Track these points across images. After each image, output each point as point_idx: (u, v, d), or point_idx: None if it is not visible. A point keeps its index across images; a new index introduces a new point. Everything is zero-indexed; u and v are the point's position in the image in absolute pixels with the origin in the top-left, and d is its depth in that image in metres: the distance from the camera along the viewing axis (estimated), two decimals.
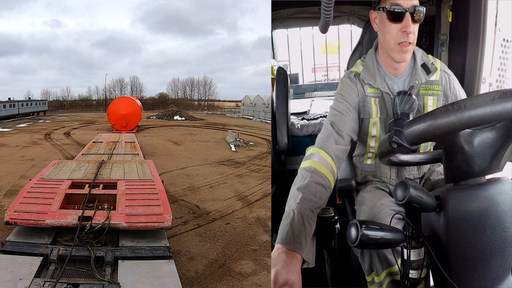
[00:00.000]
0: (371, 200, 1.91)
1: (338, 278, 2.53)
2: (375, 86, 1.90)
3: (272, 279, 1.20)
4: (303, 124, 4.32)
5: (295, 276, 1.23)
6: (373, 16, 1.87)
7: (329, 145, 1.69)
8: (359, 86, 1.93)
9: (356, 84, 1.94)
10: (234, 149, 12.04)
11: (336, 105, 1.89)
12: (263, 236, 4.62)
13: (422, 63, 1.92)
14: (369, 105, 1.91)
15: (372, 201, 1.88)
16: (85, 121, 23.16)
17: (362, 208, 1.95)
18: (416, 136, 1.11)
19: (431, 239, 1.19)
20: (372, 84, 1.90)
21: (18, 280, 2.12)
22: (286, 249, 1.30)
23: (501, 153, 1.13)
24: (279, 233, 1.37)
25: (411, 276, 1.22)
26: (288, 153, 3.70)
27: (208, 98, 50.19)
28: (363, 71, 1.95)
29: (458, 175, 1.17)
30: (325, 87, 5.57)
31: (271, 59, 4.90)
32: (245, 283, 3.47)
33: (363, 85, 1.93)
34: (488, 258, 1.10)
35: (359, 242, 1.16)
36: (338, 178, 2.59)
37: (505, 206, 1.10)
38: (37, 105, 27.82)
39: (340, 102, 1.88)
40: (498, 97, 0.99)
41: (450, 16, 2.96)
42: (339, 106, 1.87)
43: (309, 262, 1.37)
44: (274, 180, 3.63)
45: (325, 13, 2.03)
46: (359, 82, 1.94)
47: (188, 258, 3.89)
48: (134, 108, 17.05)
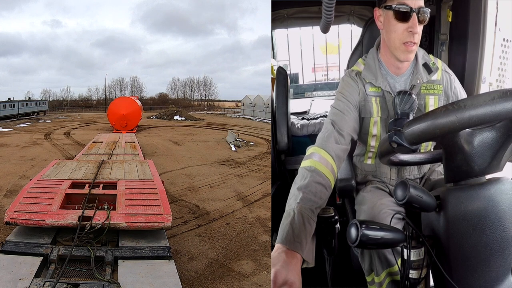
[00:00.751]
0: (371, 200, 1.90)
1: (338, 278, 2.53)
2: (376, 84, 1.90)
3: (272, 278, 1.20)
4: (303, 124, 4.31)
5: (294, 276, 1.23)
6: (377, 14, 1.86)
7: (330, 145, 1.69)
8: (360, 85, 1.93)
9: (357, 83, 1.93)
10: (234, 149, 12.04)
11: (337, 104, 1.89)
12: (263, 236, 4.62)
13: (423, 63, 1.92)
14: (370, 104, 1.90)
15: (372, 201, 1.88)
16: (85, 121, 23.16)
17: (362, 208, 1.94)
18: (416, 136, 1.11)
19: (431, 239, 1.19)
20: (374, 82, 1.90)
21: (18, 280, 2.11)
22: (286, 248, 1.30)
23: (501, 153, 1.13)
24: (279, 232, 1.37)
25: (411, 276, 1.22)
26: (288, 153, 3.69)
27: (208, 98, 50.24)
28: (365, 69, 1.95)
29: (458, 175, 1.17)
30: (325, 87, 5.56)
31: (271, 59, 4.90)
32: (245, 283, 3.47)
33: (364, 84, 1.92)
34: (488, 258, 1.10)
35: (359, 242, 1.16)
36: (338, 178, 2.59)
37: (505, 206, 1.10)
38: (37, 105, 27.82)
39: (341, 101, 1.88)
40: (498, 97, 0.99)
41: (450, 16, 2.96)
42: (340, 105, 1.87)
43: (309, 262, 1.37)
44: (274, 180, 3.63)
45: (326, 13, 2.03)
46: (360, 81, 1.93)
47: (188, 258, 3.89)
48: (134, 108, 17.05)
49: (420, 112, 1.81)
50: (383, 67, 1.93)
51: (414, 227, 1.20)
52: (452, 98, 1.94)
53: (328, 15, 2.05)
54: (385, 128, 1.91)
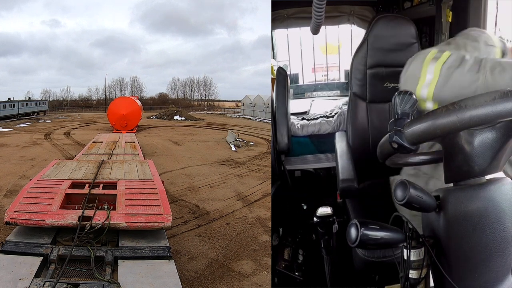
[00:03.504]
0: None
1: (337, 278, 2.54)
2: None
3: None
4: (303, 124, 4.31)
5: None
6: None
7: None
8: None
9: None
10: (234, 149, 12.04)
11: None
12: (263, 236, 4.62)
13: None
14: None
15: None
16: (85, 121, 23.16)
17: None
18: (417, 136, 1.11)
19: (431, 239, 1.19)
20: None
21: (18, 280, 2.11)
22: None
23: (501, 153, 1.13)
24: None
25: (411, 276, 1.22)
26: (288, 153, 3.70)
27: (208, 98, 50.24)
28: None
29: (458, 175, 1.17)
30: (325, 87, 5.56)
31: (271, 59, 4.90)
32: (245, 283, 3.47)
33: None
34: (488, 258, 1.10)
35: (359, 242, 1.16)
36: (340, 178, 2.59)
37: (505, 206, 1.10)
38: (37, 105, 27.83)
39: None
40: (499, 97, 0.99)
41: (450, 16, 2.97)
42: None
43: None
44: (274, 180, 3.63)
45: (317, 14, 2.02)
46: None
47: (188, 258, 3.89)
48: (134, 108, 17.06)
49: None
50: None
51: (414, 227, 1.20)
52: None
53: (318, 16, 2.04)
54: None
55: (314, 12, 2.02)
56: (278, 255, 3.11)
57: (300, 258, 3.13)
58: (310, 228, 3.26)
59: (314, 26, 2.16)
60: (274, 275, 2.93)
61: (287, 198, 3.58)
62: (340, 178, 2.63)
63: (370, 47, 2.93)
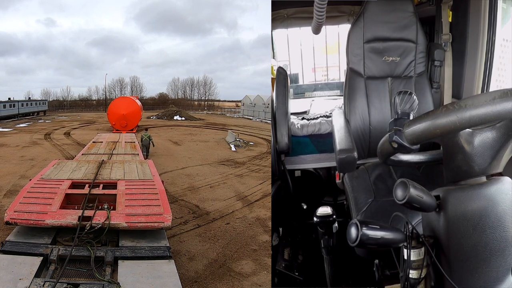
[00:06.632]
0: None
1: (337, 278, 2.54)
2: None
3: None
4: (303, 124, 4.31)
5: None
6: None
7: None
8: None
9: None
10: (234, 149, 12.04)
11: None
12: (263, 236, 4.62)
13: None
14: None
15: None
16: (85, 121, 23.16)
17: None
18: (417, 136, 1.11)
19: (431, 239, 1.19)
20: None
21: (18, 280, 2.11)
22: None
23: (501, 153, 1.13)
24: None
25: (411, 276, 1.22)
26: (288, 153, 3.70)
27: (208, 98, 50.21)
28: None
29: (458, 175, 1.17)
30: (325, 87, 5.55)
31: (271, 59, 4.90)
32: (245, 283, 3.47)
33: None
34: (488, 258, 1.10)
35: (359, 242, 1.16)
36: (338, 149, 2.42)
37: (505, 206, 1.10)
38: (37, 105, 27.82)
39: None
40: (499, 97, 0.99)
41: (450, 16, 2.97)
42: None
43: None
44: (274, 180, 3.63)
45: (318, 14, 2.02)
46: None
47: (188, 258, 3.89)
48: (134, 108, 17.06)
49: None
50: None
51: (414, 227, 1.20)
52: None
53: (319, 16, 2.04)
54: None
55: (316, 12, 2.02)
56: (278, 255, 3.11)
57: (300, 258, 3.13)
58: (310, 228, 3.25)
59: (316, 25, 2.16)
60: (274, 275, 2.92)
61: (287, 198, 3.58)
62: (337, 149, 2.46)
63: (367, 20, 2.87)
